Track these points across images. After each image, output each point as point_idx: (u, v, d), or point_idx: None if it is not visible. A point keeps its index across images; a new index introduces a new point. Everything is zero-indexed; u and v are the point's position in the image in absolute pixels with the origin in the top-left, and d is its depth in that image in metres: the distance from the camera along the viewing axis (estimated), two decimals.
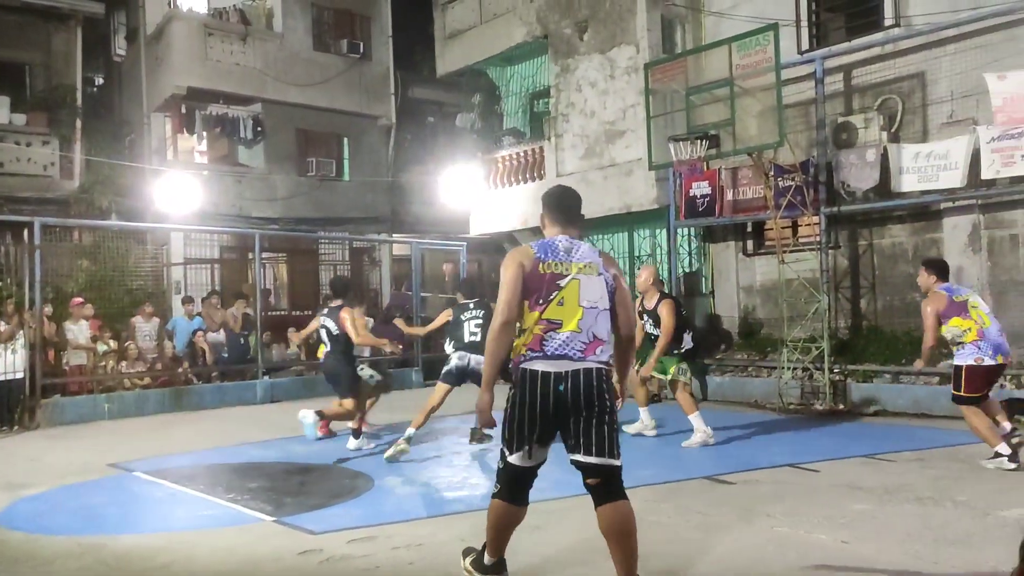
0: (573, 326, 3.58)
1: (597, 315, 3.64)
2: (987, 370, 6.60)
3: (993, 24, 9.81)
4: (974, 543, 4.46)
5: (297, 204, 18.49)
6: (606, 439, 3.58)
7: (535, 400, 3.58)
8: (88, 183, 16.69)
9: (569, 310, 3.60)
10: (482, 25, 16.31)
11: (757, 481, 6.28)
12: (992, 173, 9.49)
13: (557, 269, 3.65)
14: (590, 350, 3.59)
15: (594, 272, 3.68)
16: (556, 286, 3.62)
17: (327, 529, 5.11)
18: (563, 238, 3.78)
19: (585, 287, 3.64)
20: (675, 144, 10.71)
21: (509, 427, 3.67)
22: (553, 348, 3.57)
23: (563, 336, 3.57)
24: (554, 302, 3.60)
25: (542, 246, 3.73)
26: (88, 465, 7.55)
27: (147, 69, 18.17)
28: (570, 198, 3.96)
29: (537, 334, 3.60)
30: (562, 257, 3.68)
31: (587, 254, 3.73)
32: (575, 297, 3.61)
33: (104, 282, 13.08)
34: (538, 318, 3.60)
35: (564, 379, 3.55)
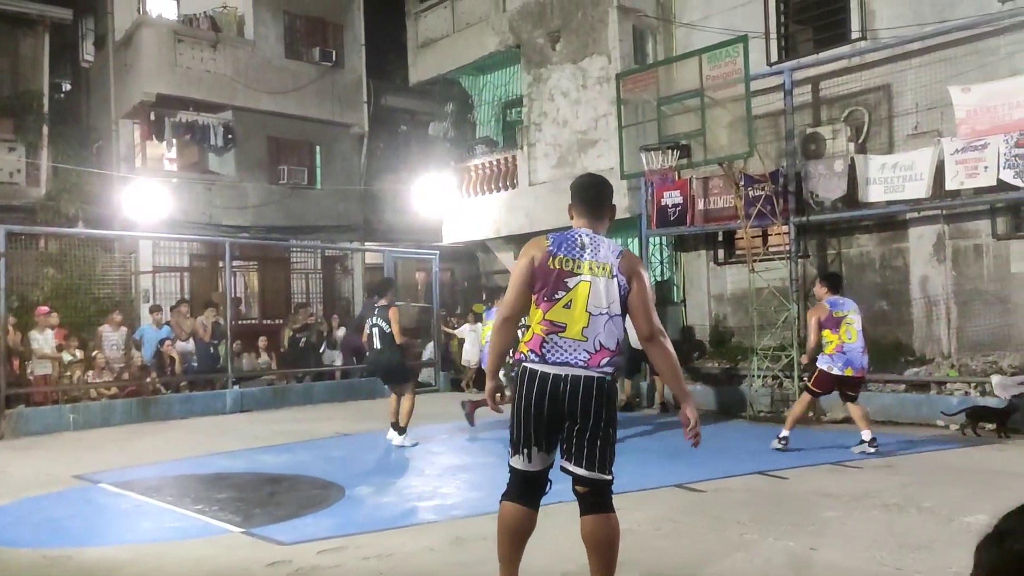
0: (577, 333, 3.37)
1: (605, 322, 3.38)
2: (832, 377, 7.70)
3: (957, 38, 10.00)
4: (937, 549, 4.53)
5: (268, 212, 18.36)
6: (598, 452, 3.40)
7: (530, 401, 3.40)
8: (55, 190, 16.47)
9: (575, 314, 3.37)
10: (455, 34, 16.35)
11: (727, 489, 6.32)
12: (956, 184, 9.67)
13: (567, 266, 3.42)
14: (594, 361, 3.36)
15: (607, 274, 3.41)
16: (564, 285, 3.40)
17: (297, 540, 5.07)
18: (585, 232, 3.53)
19: (595, 291, 3.38)
20: (647, 154, 10.80)
21: (511, 429, 3.51)
22: (554, 357, 3.37)
23: (566, 343, 3.37)
24: (560, 303, 3.39)
25: (558, 238, 3.50)
26: (53, 477, 7.43)
27: (115, 75, 17.97)
28: (592, 188, 3.69)
29: (539, 335, 3.41)
30: (576, 253, 3.44)
31: (604, 254, 3.45)
32: (583, 301, 3.38)
33: (70, 291, 12.91)
34: (542, 317, 3.40)
35: (564, 382, 3.35)
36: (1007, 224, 10.09)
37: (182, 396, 12.27)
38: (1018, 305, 9.85)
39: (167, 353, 12.78)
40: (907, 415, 9.69)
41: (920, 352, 10.58)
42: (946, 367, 9.97)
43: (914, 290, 10.73)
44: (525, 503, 3.54)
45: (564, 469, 3.48)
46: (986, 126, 9.40)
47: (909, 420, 9.60)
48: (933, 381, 9.83)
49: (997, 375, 9.25)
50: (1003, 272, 9.98)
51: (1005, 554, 1.05)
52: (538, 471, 3.50)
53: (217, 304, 14.16)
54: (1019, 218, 10.12)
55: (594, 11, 13.50)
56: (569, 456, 3.43)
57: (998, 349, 9.89)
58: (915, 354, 10.58)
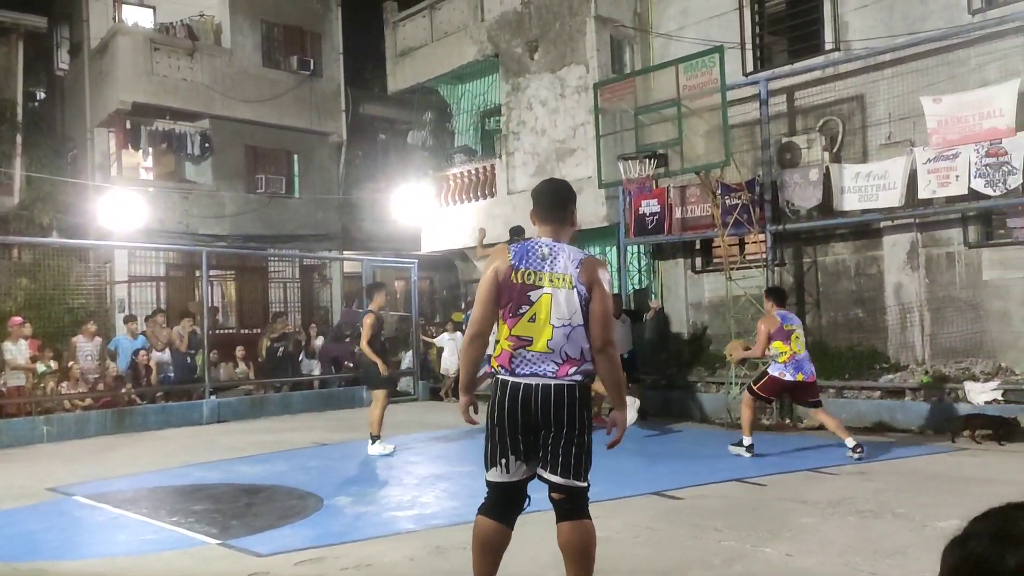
0: (542, 345, 3.41)
1: (569, 333, 3.41)
2: (784, 383, 8.16)
3: (928, 49, 10.16)
4: (911, 554, 4.58)
5: (246, 221, 18.26)
6: (573, 459, 3.43)
7: (504, 412, 3.43)
8: (28, 199, 16.30)
9: (539, 327, 3.41)
10: (433, 43, 16.38)
11: (705, 496, 6.35)
12: (928, 193, 9.81)
13: (529, 279, 3.44)
14: (562, 371, 3.41)
15: (567, 286, 3.43)
16: (527, 299, 3.43)
17: (274, 551, 5.03)
18: (546, 242, 3.56)
19: (556, 303, 3.42)
20: (624, 163, 10.87)
21: (486, 441, 3.52)
22: (523, 370, 3.42)
23: (533, 356, 3.41)
24: (525, 318, 3.43)
25: (519, 251, 3.51)
26: (26, 489, 7.33)
27: (91, 84, 17.84)
28: (553, 193, 3.70)
29: (507, 351, 3.46)
30: (537, 265, 3.46)
31: (564, 264, 3.47)
32: (546, 314, 3.41)
33: (44, 301, 12.77)
34: (508, 333, 3.45)
35: (536, 391, 3.39)
36: (978, 232, 10.25)
37: (158, 407, 12.15)
38: (989, 312, 9.99)
39: (142, 363, 12.67)
40: (882, 422, 9.79)
41: (895, 359, 10.70)
42: (920, 374, 10.09)
43: (888, 297, 10.86)
44: (501, 519, 3.54)
45: (540, 477, 3.50)
46: (957, 136, 9.55)
47: (885, 426, 9.70)
48: (907, 388, 9.94)
49: (970, 381, 9.38)
50: (975, 279, 10.12)
51: (965, 556, 1.07)
52: (516, 482, 3.49)
53: (194, 314, 14.07)
54: (990, 226, 10.28)
55: (572, 21, 13.58)
56: (545, 464, 3.45)
57: (971, 356, 10.02)
58: (889, 361, 10.70)
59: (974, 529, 1.11)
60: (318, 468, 8.15)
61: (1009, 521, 1.08)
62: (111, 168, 17.55)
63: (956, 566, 1.08)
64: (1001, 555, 1.04)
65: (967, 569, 1.06)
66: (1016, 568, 1.02)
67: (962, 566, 1.07)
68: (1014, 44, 9.51)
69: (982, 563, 1.05)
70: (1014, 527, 1.07)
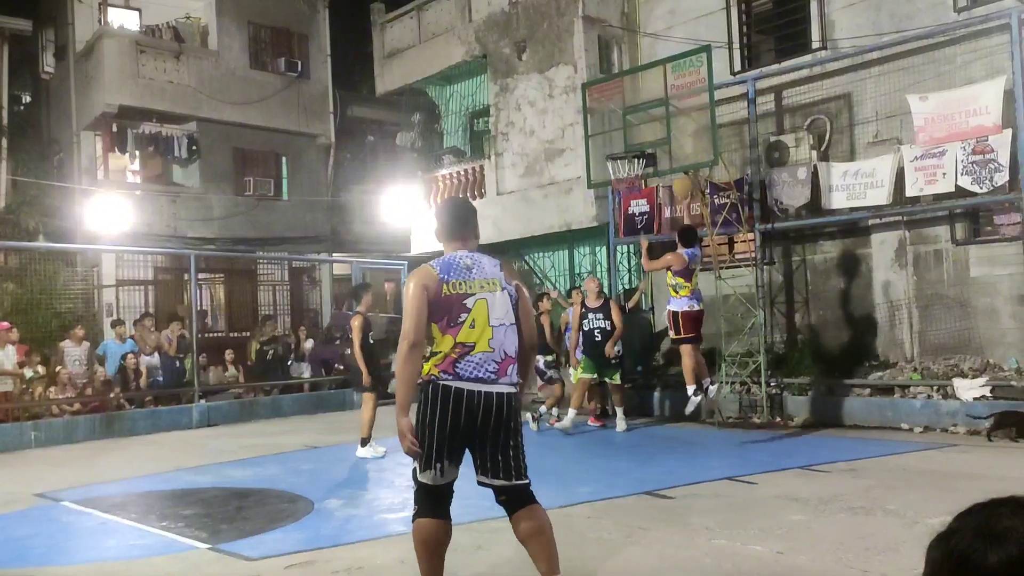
0: (485, 346, 3.57)
1: (506, 331, 3.63)
2: (693, 314, 8.87)
3: (915, 47, 10.20)
4: (902, 550, 4.59)
5: (234, 224, 18.18)
6: (512, 461, 3.61)
7: (446, 418, 3.51)
8: (14, 203, 16.20)
9: (480, 331, 3.58)
10: (421, 44, 16.35)
11: (696, 495, 6.36)
12: (916, 191, 9.84)
13: (461, 289, 3.60)
14: (502, 370, 3.59)
15: (497, 288, 3.66)
16: (464, 307, 3.58)
17: (265, 555, 5.01)
18: (464, 254, 3.74)
19: (491, 305, 3.62)
20: (613, 163, 10.85)
21: (421, 445, 3.57)
22: (467, 372, 3.53)
23: (476, 358, 3.55)
24: (465, 325, 3.56)
25: (444, 265, 3.66)
26: (13, 495, 7.28)
27: (76, 87, 17.73)
28: (465, 209, 3.95)
29: (451, 357, 3.55)
30: (464, 275, 3.64)
31: (489, 269, 3.71)
32: (484, 317, 3.59)
33: (31, 306, 12.68)
34: (453, 343, 3.55)
35: (477, 398, 3.52)
36: (966, 229, 10.29)
37: (147, 411, 12.09)
38: (977, 309, 10.04)
39: (131, 367, 12.59)
40: (872, 419, 9.82)
41: (884, 356, 10.73)
42: (909, 371, 10.13)
43: (877, 295, 10.89)
44: (440, 516, 3.68)
45: (482, 483, 3.65)
46: (944, 134, 9.58)
47: (874, 424, 9.73)
48: (897, 385, 9.98)
49: (958, 378, 9.42)
50: (962, 276, 10.17)
51: (948, 551, 1.07)
52: (446, 484, 3.64)
53: (182, 317, 14.00)
54: (977, 223, 10.33)
55: (560, 21, 13.58)
56: (485, 471, 3.62)
57: (959, 352, 10.07)
58: (879, 358, 10.73)
59: (957, 525, 1.11)
60: (309, 471, 8.12)
61: (992, 517, 1.08)
62: (98, 171, 17.45)
63: (939, 562, 1.08)
64: (983, 551, 1.04)
65: (950, 565, 1.06)
66: (998, 564, 1.02)
67: (945, 562, 1.07)
68: (999, 42, 9.55)
69: (964, 559, 1.05)
70: (996, 523, 1.06)
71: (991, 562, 1.03)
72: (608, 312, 10.27)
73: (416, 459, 3.61)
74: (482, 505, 6.16)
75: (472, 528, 5.47)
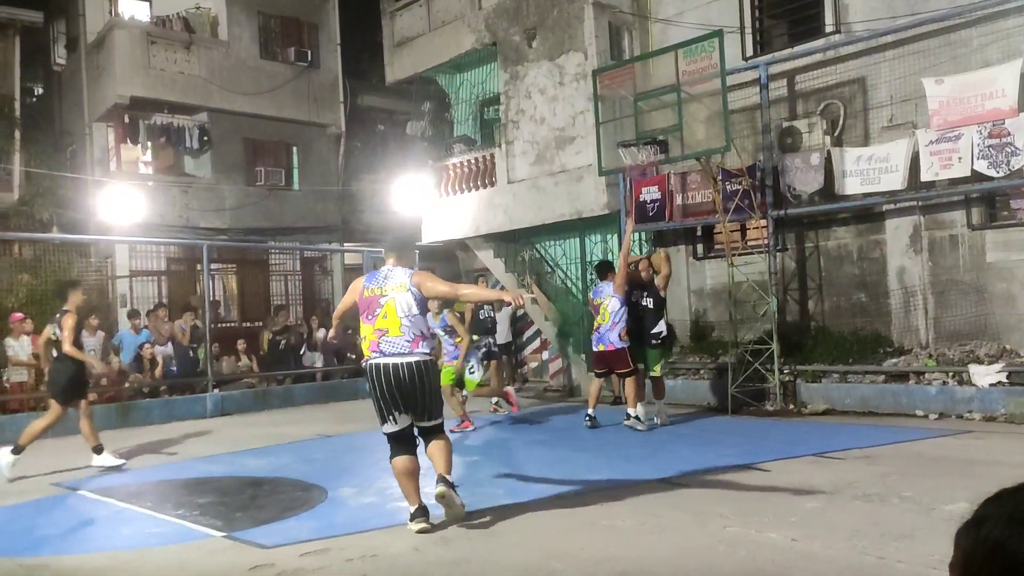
0: (396, 331, 5.15)
1: (412, 320, 5.17)
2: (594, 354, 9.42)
3: (930, 30, 10.09)
4: (919, 537, 4.56)
5: (246, 214, 18.23)
6: (430, 407, 5.26)
7: (382, 385, 5.13)
8: (28, 195, 16.26)
9: (391, 321, 5.16)
10: (431, 33, 16.28)
11: (710, 482, 6.34)
12: (931, 175, 9.75)
13: (376, 292, 5.22)
14: (414, 345, 5.15)
15: (404, 290, 5.19)
16: (379, 304, 5.18)
17: (279, 543, 5.03)
18: (387, 268, 5.36)
19: (398, 303, 5.17)
20: (624, 150, 10.79)
21: (375, 406, 5.25)
22: (387, 348, 5.14)
23: (393, 339, 5.15)
24: (379, 316, 5.17)
25: (369, 277, 5.40)
26: (30, 484, 7.34)
27: (88, 78, 17.77)
28: (396, 242, 5.67)
29: (374, 340, 5.17)
30: (380, 283, 5.26)
31: (399, 277, 5.26)
32: (393, 311, 5.16)
33: (46, 297, 12.73)
34: (373, 328, 5.18)
35: (401, 368, 5.09)
36: (982, 214, 10.19)
37: (162, 400, 12.16)
38: (993, 294, 9.95)
39: (147, 356, 12.66)
40: (886, 406, 9.77)
41: (898, 343, 10.66)
42: (924, 357, 10.06)
43: (891, 281, 10.81)
44: (408, 452, 5.25)
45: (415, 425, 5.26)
46: (959, 117, 9.48)
47: (889, 411, 9.68)
48: (912, 371, 9.91)
49: (974, 364, 9.35)
50: (978, 262, 10.08)
51: (981, 539, 1.05)
52: (404, 428, 5.23)
53: (195, 307, 14.05)
54: (993, 208, 10.22)
55: (570, 8, 13.49)
56: (417, 416, 5.25)
57: (975, 338, 9.98)
58: (893, 345, 10.66)
59: (987, 512, 1.08)
60: (322, 460, 8.15)
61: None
62: (110, 163, 17.51)
63: (971, 550, 1.06)
64: (1020, 537, 1.01)
65: (983, 552, 1.04)
66: None
67: (978, 549, 1.05)
68: (1016, 24, 9.43)
69: (999, 546, 1.02)
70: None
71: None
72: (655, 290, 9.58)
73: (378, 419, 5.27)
74: (495, 493, 6.18)
75: (485, 515, 5.48)
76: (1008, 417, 8.73)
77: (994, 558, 1.02)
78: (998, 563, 1.02)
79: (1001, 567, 1.01)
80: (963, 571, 1.07)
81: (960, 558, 1.07)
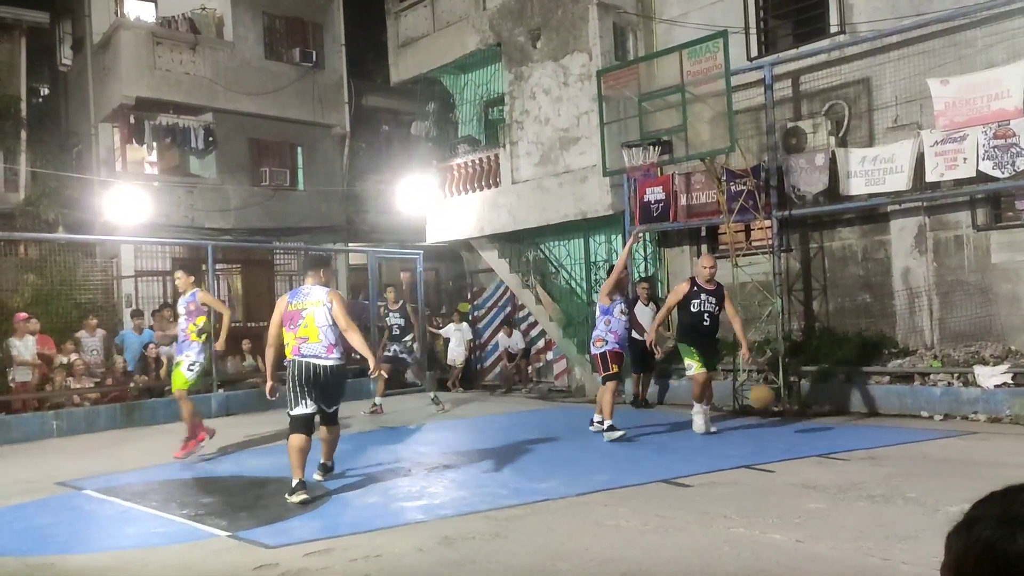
0: (315, 338, 6.42)
1: (327, 330, 6.44)
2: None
3: (935, 31, 10.07)
4: (923, 538, 4.55)
5: (250, 214, 18.25)
6: (333, 399, 6.59)
7: (299, 378, 6.37)
8: (34, 195, 16.30)
9: (312, 330, 6.43)
10: (435, 33, 16.30)
11: (714, 483, 6.34)
12: (936, 176, 9.73)
13: (299, 307, 6.53)
14: (328, 351, 6.43)
15: (320, 305, 6.48)
16: (300, 316, 6.48)
17: (283, 543, 5.04)
18: (307, 286, 6.68)
19: (316, 315, 6.45)
20: (629, 150, 10.80)
21: (290, 395, 6.43)
22: (307, 352, 6.41)
23: (312, 345, 6.42)
24: (302, 326, 6.44)
25: (293, 293, 6.75)
26: (35, 484, 7.35)
27: (94, 79, 17.81)
28: (313, 262, 7.22)
29: (295, 345, 6.44)
30: (301, 299, 6.57)
31: (317, 295, 6.55)
32: (312, 322, 6.44)
33: (51, 296, 12.77)
34: (295, 336, 6.45)
35: (316, 367, 6.38)
36: (987, 215, 10.17)
37: (166, 401, 12.13)
38: (998, 295, 9.93)
39: (151, 356, 12.68)
40: (891, 407, 9.76)
41: (903, 344, 10.64)
42: (929, 358, 10.04)
43: (896, 282, 10.79)
44: (307, 433, 6.42)
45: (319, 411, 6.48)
46: (964, 118, 9.46)
47: (894, 412, 9.67)
48: (916, 372, 9.89)
49: (979, 365, 9.33)
50: (983, 263, 10.06)
51: (973, 540, 1.05)
52: (310, 413, 6.42)
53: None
54: (999, 208, 10.20)
55: (574, 8, 13.49)
56: (321, 403, 6.47)
57: (980, 339, 9.96)
58: (898, 346, 10.64)
59: (978, 513, 1.08)
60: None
61: (1016, 503, 1.06)
62: (116, 163, 17.54)
63: (964, 551, 1.06)
64: (1011, 537, 1.01)
65: (976, 553, 1.04)
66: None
67: (970, 550, 1.05)
68: (1022, 24, 9.41)
69: (990, 547, 1.02)
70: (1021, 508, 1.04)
71: (1020, 547, 1.00)
72: (721, 298, 8.83)
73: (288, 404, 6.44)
74: (499, 493, 6.19)
75: (489, 516, 5.49)
76: (1013, 418, 8.72)
77: (986, 559, 1.02)
78: (990, 564, 1.02)
79: (992, 568, 1.02)
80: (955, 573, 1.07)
81: (952, 560, 1.07)
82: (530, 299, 14.68)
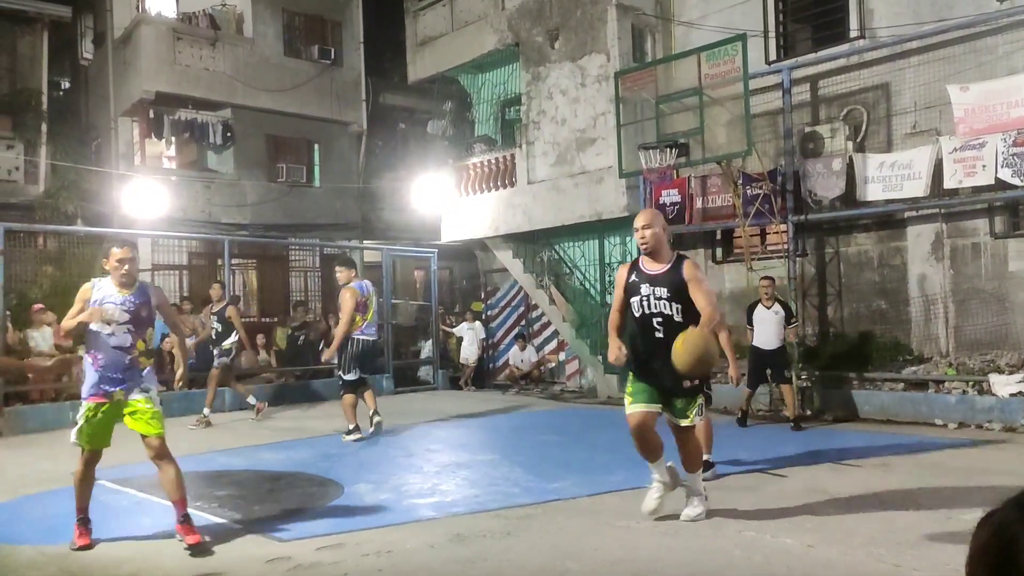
0: (371, 319, 9.05)
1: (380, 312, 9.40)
2: None
3: (956, 37, 10.02)
4: (935, 546, 4.54)
5: (267, 210, 18.35)
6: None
7: (360, 350, 8.93)
8: (53, 188, 16.43)
9: (371, 315, 9.01)
10: (453, 32, 16.34)
11: (726, 486, 6.33)
12: (954, 183, 9.68)
13: (367, 299, 8.98)
14: (380, 330, 9.55)
15: (378, 295, 8.93)
16: (368, 305, 8.95)
17: (296, 536, 5.08)
18: (366, 281, 9.27)
19: (375, 303, 9.05)
20: (645, 152, 10.81)
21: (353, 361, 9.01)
22: (369, 333, 9.05)
23: (372, 326, 9.07)
24: (371, 311, 9.01)
25: (359, 286, 9.02)
26: (52, 474, 7.42)
27: (114, 73, 17.95)
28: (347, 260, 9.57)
29: (361, 326, 8.90)
30: (366, 292, 9.05)
31: (370, 288, 9.23)
32: (373, 308, 9.03)
33: (70, 288, 12.84)
34: (361, 318, 8.89)
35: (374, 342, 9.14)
36: (1005, 223, 10.11)
37: (181, 394, 12.18)
38: (1015, 304, 9.87)
39: (167, 350, 12.77)
40: (905, 414, 9.72)
41: (918, 351, 10.60)
42: (944, 366, 10.00)
43: (912, 289, 10.75)
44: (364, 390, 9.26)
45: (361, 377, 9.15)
46: (984, 125, 9.41)
47: (908, 419, 9.63)
48: (931, 380, 9.85)
49: (995, 373, 9.28)
50: (1001, 271, 10.00)
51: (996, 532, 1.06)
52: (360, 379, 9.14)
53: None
54: (1017, 216, 10.14)
55: (593, 9, 13.50)
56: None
57: (996, 348, 9.91)
58: (913, 353, 10.60)
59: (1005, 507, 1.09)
60: (338, 455, 8.20)
61: None
62: (135, 157, 17.67)
63: (986, 543, 1.07)
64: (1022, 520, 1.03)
65: (998, 544, 1.05)
66: None
67: (993, 542, 1.06)
68: None
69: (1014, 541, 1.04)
70: None
71: None
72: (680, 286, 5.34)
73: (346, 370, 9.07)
74: (511, 492, 6.21)
75: (501, 515, 5.51)
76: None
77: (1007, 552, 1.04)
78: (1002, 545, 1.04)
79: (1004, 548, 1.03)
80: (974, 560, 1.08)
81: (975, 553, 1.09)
82: (544, 299, 14.70)
